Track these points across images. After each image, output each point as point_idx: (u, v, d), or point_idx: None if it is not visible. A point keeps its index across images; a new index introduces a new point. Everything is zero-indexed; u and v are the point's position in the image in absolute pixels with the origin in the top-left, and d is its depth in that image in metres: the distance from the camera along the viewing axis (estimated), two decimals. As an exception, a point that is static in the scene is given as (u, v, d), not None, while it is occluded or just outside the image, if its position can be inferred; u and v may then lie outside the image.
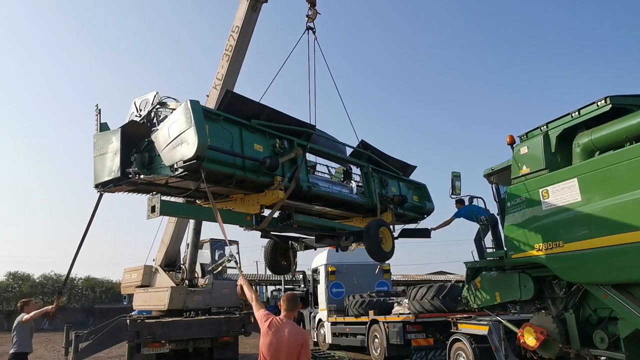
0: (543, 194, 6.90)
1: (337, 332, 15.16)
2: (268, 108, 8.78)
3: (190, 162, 6.14)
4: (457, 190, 8.62)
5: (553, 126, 7.06)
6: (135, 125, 7.42)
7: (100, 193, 7.73)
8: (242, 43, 11.81)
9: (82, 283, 39.91)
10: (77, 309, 37.94)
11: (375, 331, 12.76)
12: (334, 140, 9.40)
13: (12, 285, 37.23)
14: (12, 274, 37.93)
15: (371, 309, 13.12)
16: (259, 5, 11.64)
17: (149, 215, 6.62)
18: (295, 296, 4.59)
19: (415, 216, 10.61)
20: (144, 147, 7.08)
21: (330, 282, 15.91)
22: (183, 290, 10.86)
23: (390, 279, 16.89)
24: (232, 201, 8.14)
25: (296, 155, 7.72)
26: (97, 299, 39.98)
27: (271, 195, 7.37)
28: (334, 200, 9.04)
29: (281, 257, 10.74)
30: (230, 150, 6.70)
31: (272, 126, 7.68)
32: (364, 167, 9.41)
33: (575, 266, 6.46)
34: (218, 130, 6.67)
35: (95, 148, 7.52)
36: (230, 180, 6.97)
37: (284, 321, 4.18)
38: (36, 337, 27.57)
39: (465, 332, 9.17)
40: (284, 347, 4.02)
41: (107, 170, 7.23)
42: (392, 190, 9.89)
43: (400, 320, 11.69)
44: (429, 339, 11.41)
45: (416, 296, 11.59)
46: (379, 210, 9.10)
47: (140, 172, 6.98)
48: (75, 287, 39.84)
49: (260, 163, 7.01)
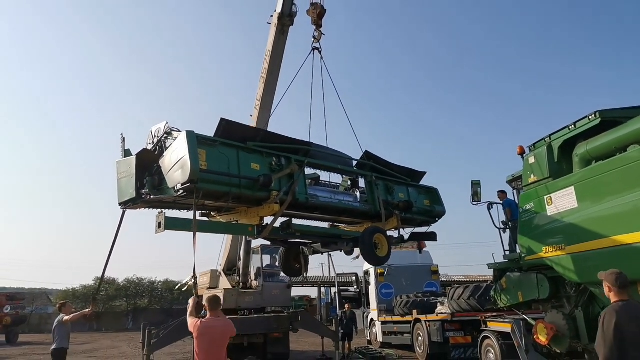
0: (547, 200, 7.44)
1: (387, 331, 15.94)
2: (262, 131, 10.02)
3: (186, 184, 7.27)
4: (477, 196, 9.16)
5: (555, 137, 7.58)
6: (147, 152, 8.52)
7: (123, 210, 8.86)
8: (274, 65, 13.08)
9: (161, 286, 42.78)
10: (157, 310, 40.65)
11: (419, 330, 13.44)
12: (336, 153, 10.23)
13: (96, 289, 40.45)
14: (99, 278, 41.36)
15: (415, 309, 13.81)
16: (287, 29, 12.89)
17: (157, 231, 7.81)
18: (215, 298, 5.17)
19: (425, 219, 11.17)
20: (154, 171, 8.23)
21: (380, 283, 16.70)
22: (235, 291, 12.11)
23: (438, 280, 17.40)
24: (237, 213, 9.29)
25: (292, 171, 8.70)
26: (175, 300, 42.75)
27: (268, 208, 8.43)
28: (335, 209, 9.94)
29: (294, 260, 11.80)
30: (224, 172, 7.78)
31: (268, 146, 8.69)
32: (367, 176, 10.17)
33: (577, 267, 6.96)
34: (215, 154, 7.76)
35: (118, 172, 8.78)
36: (227, 197, 8.04)
37: (210, 320, 4.92)
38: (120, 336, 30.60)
39: (493, 330, 9.74)
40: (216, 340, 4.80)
41: (127, 191, 8.43)
42: (399, 196, 10.51)
43: (439, 319, 12.33)
44: (467, 336, 11.98)
45: (454, 296, 12.17)
46: (384, 216, 9.82)
47: (151, 193, 8.17)
48: (155, 289, 42.78)
49: (254, 181, 8.04)
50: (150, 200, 8.44)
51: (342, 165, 10.24)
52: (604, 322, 3.67)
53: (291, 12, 12.86)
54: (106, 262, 9.25)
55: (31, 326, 34.03)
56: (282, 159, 8.77)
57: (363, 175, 10.38)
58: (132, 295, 42.22)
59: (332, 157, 10.12)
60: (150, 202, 8.64)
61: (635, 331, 3.53)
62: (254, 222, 8.97)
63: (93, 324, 37.05)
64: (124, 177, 8.60)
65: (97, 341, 26.11)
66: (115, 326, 38.32)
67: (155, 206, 9.01)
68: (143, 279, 43.09)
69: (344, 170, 10.34)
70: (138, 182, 8.21)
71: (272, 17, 13.12)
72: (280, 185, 8.49)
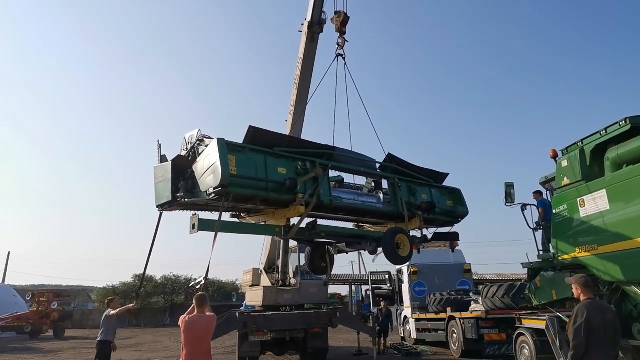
0: (580, 203, 7.76)
1: (421, 328, 16.30)
2: (287, 136, 10.51)
3: (217, 188, 7.84)
4: (511, 197, 9.46)
5: (587, 142, 7.89)
6: (181, 158, 9.23)
7: (160, 212, 9.54)
8: (306, 72, 13.66)
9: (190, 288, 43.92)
10: (193, 306, 41.73)
11: (453, 327, 13.80)
12: (358, 157, 10.66)
13: (137, 285, 41.86)
14: (138, 276, 42.55)
15: (449, 306, 14.15)
16: (317, 37, 13.45)
17: (191, 232, 8.42)
18: (202, 296, 5.40)
19: (448, 220, 11.53)
20: (188, 176, 8.92)
21: (413, 281, 17.07)
22: (274, 289, 12.70)
23: (471, 278, 17.64)
24: (266, 215, 9.92)
25: (317, 174, 9.22)
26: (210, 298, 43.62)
27: (294, 210, 8.97)
28: (359, 210, 10.40)
29: (320, 259, 12.27)
30: (253, 176, 8.34)
31: (293, 151, 9.21)
32: (390, 179, 10.57)
33: (609, 266, 7.28)
34: (244, 159, 8.34)
35: (155, 177, 9.50)
36: (256, 199, 8.62)
37: (194, 316, 5.25)
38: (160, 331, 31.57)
39: (528, 327, 10.02)
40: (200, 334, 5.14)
41: (163, 195, 9.11)
42: (422, 197, 10.86)
43: (473, 316, 12.66)
44: (501, 334, 12.28)
45: (488, 294, 12.47)
46: (406, 217, 10.21)
47: (185, 196, 8.86)
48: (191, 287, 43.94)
49: (281, 184, 8.56)
50: (185, 203, 9.14)
51: (365, 167, 10.68)
52: (576, 315, 4.63)
53: (320, 20, 13.42)
54: (147, 260, 9.94)
55: (74, 322, 35.57)
56: (307, 163, 9.32)
57: (386, 178, 10.80)
58: (169, 292, 43.58)
59: (355, 160, 10.58)
60: (184, 205, 9.35)
61: (599, 322, 4.52)
62: (281, 223, 9.60)
63: (132, 319, 38.43)
64: (160, 182, 9.30)
65: (138, 336, 27.23)
66: (154, 322, 39.68)
67: (189, 208, 9.76)
68: (179, 276, 44.46)
69: (367, 173, 10.80)
70: (173, 186, 8.90)
71: (303, 26, 13.70)
72: (306, 188, 9.04)
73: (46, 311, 27.69)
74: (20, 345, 22.35)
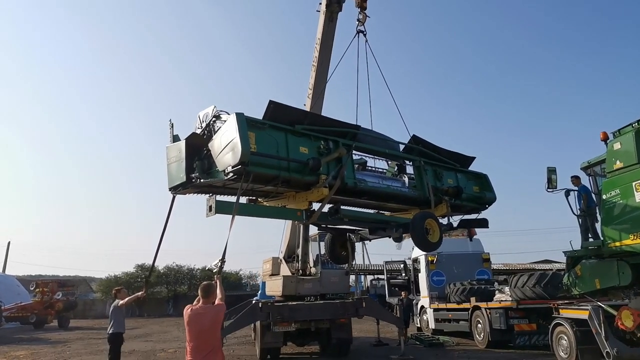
0: (636, 187, 7.38)
1: (440, 318, 15.98)
2: (310, 113, 9.80)
3: (236, 167, 7.28)
4: (553, 183, 9.06)
5: (645, 123, 7.50)
6: (196, 136, 8.55)
7: (174, 196, 8.98)
8: (325, 53, 13.12)
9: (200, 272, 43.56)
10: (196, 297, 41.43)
11: (478, 317, 13.46)
12: (383, 137, 10.06)
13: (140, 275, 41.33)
14: (140, 265, 42.33)
15: (473, 296, 13.82)
16: (335, 16, 12.88)
17: (207, 214, 7.83)
18: (207, 285, 4.92)
19: (475, 206, 11.03)
20: (204, 155, 8.28)
21: (431, 271, 16.72)
22: (294, 278, 12.30)
23: (490, 268, 17.30)
24: (285, 198, 9.31)
25: (340, 154, 8.65)
26: (213, 287, 43.34)
27: (317, 192, 8.40)
28: (383, 195, 9.82)
29: (341, 247, 11.79)
30: (274, 155, 7.74)
31: (316, 129, 8.63)
32: (415, 161, 10.04)
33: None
34: (264, 137, 7.76)
35: (168, 157, 8.88)
36: (277, 180, 8.04)
37: (199, 308, 4.72)
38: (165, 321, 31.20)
39: (567, 317, 9.69)
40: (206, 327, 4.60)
41: (177, 176, 8.51)
42: (448, 182, 10.35)
43: (502, 306, 12.32)
44: (531, 324, 11.95)
45: (517, 284, 12.11)
46: (433, 202, 9.69)
47: (201, 177, 8.21)
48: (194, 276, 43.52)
49: (303, 164, 8.01)
50: (200, 185, 8.49)
51: (390, 149, 10.14)
52: None
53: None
54: (158, 246, 9.41)
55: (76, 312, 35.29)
56: (329, 143, 8.75)
57: (411, 160, 10.27)
58: (172, 282, 43.21)
59: (379, 141, 10.02)
60: (199, 187, 8.73)
61: None
62: (302, 206, 9.05)
63: (136, 310, 38.12)
64: (173, 162, 8.71)
65: (144, 326, 26.94)
66: (157, 312, 39.38)
67: (204, 191, 9.16)
68: (182, 266, 44.05)
69: (392, 155, 10.22)
70: (188, 166, 8.29)
71: (321, 5, 13.12)
72: (329, 169, 8.48)
73: (50, 301, 27.34)
74: (26, 335, 22.02)
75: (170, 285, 43.27)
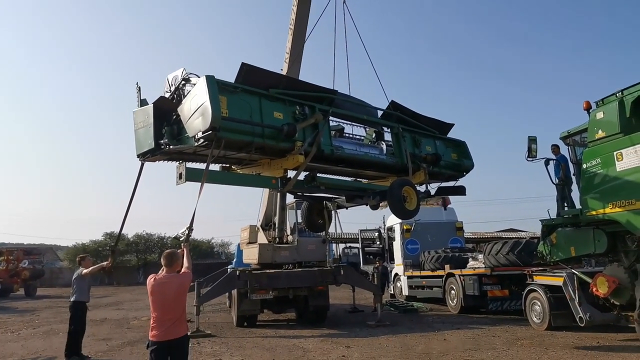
0: (617, 156, 7.43)
1: (414, 285, 16.26)
2: (285, 77, 9.39)
3: (207, 132, 6.97)
4: (533, 152, 9.05)
5: (628, 93, 7.50)
6: (164, 100, 8.07)
7: (142, 163, 8.54)
8: (301, 14, 12.72)
9: (171, 241, 43.08)
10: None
11: (452, 284, 13.72)
12: (361, 103, 9.83)
13: (109, 244, 40.56)
14: (109, 234, 41.66)
15: (447, 264, 14.05)
16: None
17: (177, 182, 7.51)
18: (170, 253, 4.67)
19: (452, 174, 10.97)
20: (173, 120, 7.87)
21: (406, 239, 16.89)
22: (271, 246, 12.18)
23: (463, 236, 17.61)
24: (260, 166, 9.02)
25: (316, 120, 8.39)
26: (193, 256, 43.08)
27: (292, 159, 8.15)
28: (361, 162, 9.65)
29: (317, 215, 11.67)
30: (246, 120, 7.41)
31: (291, 94, 8.33)
32: (393, 128, 9.87)
33: (647, 222, 7.06)
34: (236, 101, 7.42)
35: (135, 122, 8.37)
36: (250, 147, 7.77)
37: (163, 277, 4.50)
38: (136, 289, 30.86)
39: (541, 284, 9.93)
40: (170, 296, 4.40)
41: (145, 142, 8.07)
42: (426, 149, 10.22)
43: (476, 273, 12.56)
44: (504, 290, 12.25)
45: (491, 251, 12.35)
46: (411, 169, 9.57)
47: (170, 143, 7.83)
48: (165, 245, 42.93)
49: (278, 130, 7.74)
50: (170, 151, 8.12)
51: (368, 115, 9.91)
52: None
53: None
54: (125, 215, 9.01)
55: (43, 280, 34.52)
56: (305, 108, 8.47)
57: (389, 127, 10.08)
58: (142, 250, 42.77)
59: (357, 106, 9.80)
60: (169, 153, 8.34)
61: None
62: (277, 174, 8.80)
63: (104, 278, 37.54)
64: (141, 127, 8.27)
65: (115, 294, 26.57)
66: (127, 280, 38.95)
67: (174, 158, 8.74)
68: (152, 234, 43.58)
69: (370, 121, 10.01)
70: (156, 132, 7.89)
71: None
72: (304, 136, 8.23)
73: (16, 269, 26.59)
74: (-9, 304, 21.40)
75: (140, 254, 42.84)
